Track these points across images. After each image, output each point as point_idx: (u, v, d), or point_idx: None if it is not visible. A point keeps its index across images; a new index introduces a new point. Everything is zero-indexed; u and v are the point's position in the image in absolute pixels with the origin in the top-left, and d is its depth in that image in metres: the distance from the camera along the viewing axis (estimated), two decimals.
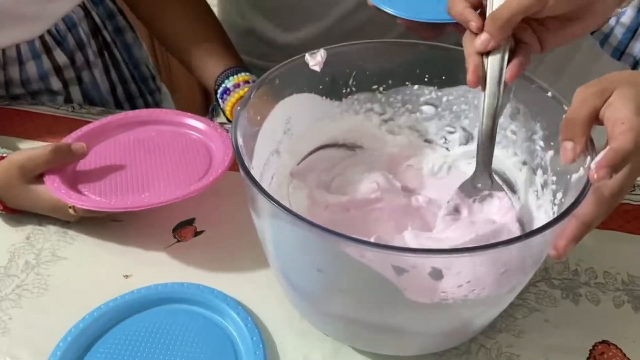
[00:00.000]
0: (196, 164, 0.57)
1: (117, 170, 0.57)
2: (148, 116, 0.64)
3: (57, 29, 0.73)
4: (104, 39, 0.79)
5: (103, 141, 0.61)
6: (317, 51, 0.53)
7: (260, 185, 0.39)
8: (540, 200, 0.49)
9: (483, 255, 0.35)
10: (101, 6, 0.80)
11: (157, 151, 0.59)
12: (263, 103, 0.51)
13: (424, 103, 0.58)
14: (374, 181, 0.56)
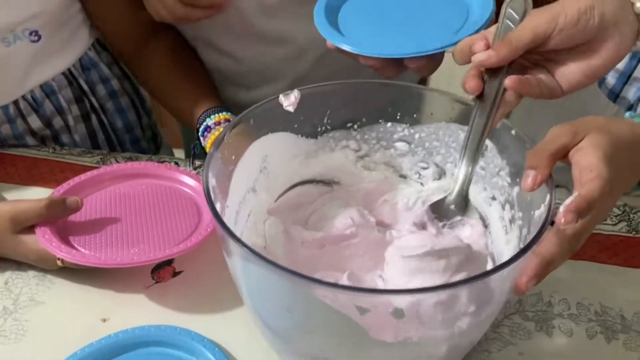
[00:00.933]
0: (185, 221, 0.58)
1: (107, 223, 0.57)
2: (140, 169, 0.64)
3: (33, 96, 0.72)
4: (91, 104, 0.78)
5: (95, 192, 0.62)
6: (291, 92, 0.55)
7: (228, 227, 0.40)
8: (509, 235, 0.50)
9: (444, 293, 0.36)
10: (94, 70, 0.78)
11: (148, 206, 0.60)
12: (238, 143, 0.52)
13: (398, 140, 0.60)
14: (349, 217, 0.57)
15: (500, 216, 0.52)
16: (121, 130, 0.83)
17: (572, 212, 0.37)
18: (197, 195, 0.62)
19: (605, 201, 0.39)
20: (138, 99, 0.86)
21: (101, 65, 0.79)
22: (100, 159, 0.72)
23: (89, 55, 0.77)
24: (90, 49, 0.77)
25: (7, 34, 0.65)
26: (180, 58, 0.76)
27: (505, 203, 0.51)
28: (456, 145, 0.56)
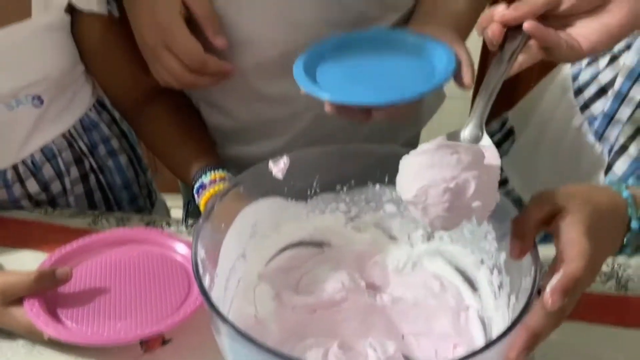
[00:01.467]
0: (175, 292, 0.58)
1: (96, 294, 0.57)
2: (132, 236, 0.64)
3: (33, 160, 0.72)
4: (90, 164, 0.78)
5: (85, 260, 0.61)
6: (280, 158, 0.56)
7: (215, 306, 0.40)
8: (498, 301, 0.50)
9: None
10: (95, 131, 0.78)
11: (138, 275, 0.60)
12: (228, 211, 0.53)
13: (387, 202, 0.60)
14: (339, 281, 0.58)
15: (489, 280, 0.53)
16: (119, 188, 0.84)
17: (558, 293, 0.38)
18: (188, 264, 0.62)
19: (588, 275, 0.40)
20: (135, 157, 0.87)
21: (102, 125, 0.80)
22: (91, 220, 0.73)
23: (89, 116, 0.77)
24: (91, 110, 0.78)
25: (10, 99, 0.65)
26: (180, 116, 0.77)
27: (494, 268, 0.52)
28: None
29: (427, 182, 0.42)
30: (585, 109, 0.71)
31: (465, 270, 0.56)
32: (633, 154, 0.63)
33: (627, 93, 0.65)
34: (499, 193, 0.49)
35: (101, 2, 0.68)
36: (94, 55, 0.72)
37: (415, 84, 0.56)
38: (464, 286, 0.56)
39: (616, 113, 0.66)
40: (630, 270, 0.63)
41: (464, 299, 0.55)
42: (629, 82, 0.64)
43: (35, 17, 0.64)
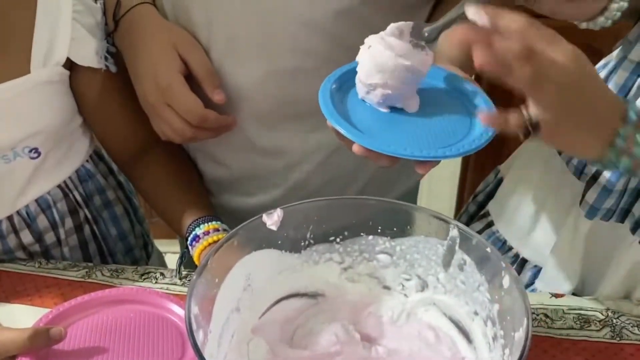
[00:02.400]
0: (169, 354, 0.57)
1: (89, 354, 0.56)
2: (130, 296, 0.63)
3: (28, 210, 0.72)
4: (85, 215, 0.78)
5: (80, 320, 0.60)
6: (274, 211, 0.57)
7: None
8: (493, 353, 0.50)
9: None
10: (91, 181, 0.78)
11: (132, 336, 0.59)
12: (221, 265, 0.53)
13: (380, 252, 0.61)
14: (333, 333, 0.57)
15: (483, 332, 0.53)
16: (114, 239, 0.83)
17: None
18: (183, 325, 0.60)
19: None
20: (131, 208, 0.87)
21: (98, 176, 0.79)
22: (85, 273, 0.72)
23: (86, 167, 0.77)
24: (88, 160, 0.78)
25: (7, 152, 0.66)
26: (174, 167, 0.78)
27: (487, 319, 0.52)
28: (436, 258, 0.57)
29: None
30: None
31: (460, 321, 0.56)
32: (602, 182, 0.64)
33: None
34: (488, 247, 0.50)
35: (99, 58, 0.69)
36: (92, 108, 0.74)
37: (457, 139, 0.51)
38: (459, 337, 0.56)
39: None
40: (624, 318, 0.63)
41: (459, 350, 0.55)
42: None
43: (34, 72, 0.66)
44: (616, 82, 0.64)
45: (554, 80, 0.43)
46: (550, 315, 0.64)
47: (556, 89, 0.43)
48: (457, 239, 0.54)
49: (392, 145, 0.49)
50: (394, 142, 0.49)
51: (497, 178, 0.82)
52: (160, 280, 0.71)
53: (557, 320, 0.63)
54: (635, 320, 0.63)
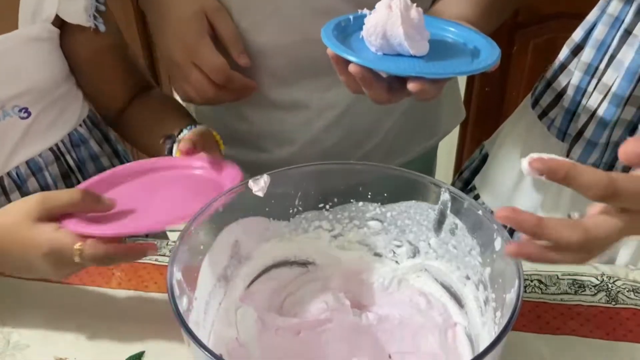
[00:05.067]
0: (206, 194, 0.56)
1: (128, 212, 0.57)
2: (152, 164, 0.65)
3: (18, 172, 0.70)
4: (78, 181, 0.76)
5: (111, 189, 0.61)
6: (260, 177, 0.55)
7: (190, 329, 0.39)
8: (484, 317, 0.49)
9: None
10: (83, 147, 0.76)
11: (165, 190, 0.61)
12: (206, 232, 0.52)
13: (370, 219, 0.59)
14: (323, 301, 0.56)
15: (475, 296, 0.52)
16: None
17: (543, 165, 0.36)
18: (214, 173, 0.62)
19: None
20: None
21: (91, 142, 0.78)
22: None
23: (79, 132, 0.75)
24: (82, 125, 0.77)
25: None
26: (155, 101, 0.79)
27: (479, 283, 0.51)
28: (427, 223, 0.56)
29: None
30: (544, 116, 0.72)
31: (451, 286, 0.55)
32: (587, 136, 0.64)
33: (586, 88, 0.66)
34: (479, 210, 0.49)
35: (88, 16, 0.69)
36: (82, 68, 0.74)
37: (458, 65, 0.53)
38: (450, 302, 0.55)
39: (577, 108, 0.68)
40: (619, 282, 0.62)
41: (451, 315, 0.54)
42: (588, 77, 0.65)
43: (22, 28, 0.64)
44: (596, 38, 0.64)
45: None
46: (545, 281, 0.63)
47: None
48: (449, 202, 0.53)
49: (386, 64, 0.51)
50: (388, 64, 0.52)
51: (482, 153, 0.81)
52: None
53: (551, 285, 0.62)
54: (631, 285, 0.62)
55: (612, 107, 0.62)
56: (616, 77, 0.62)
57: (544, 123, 0.73)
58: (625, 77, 0.60)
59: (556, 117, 0.71)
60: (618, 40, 0.61)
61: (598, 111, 0.64)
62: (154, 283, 0.65)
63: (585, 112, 0.65)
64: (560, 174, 0.36)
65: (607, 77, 0.63)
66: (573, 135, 0.66)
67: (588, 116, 0.65)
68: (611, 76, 0.63)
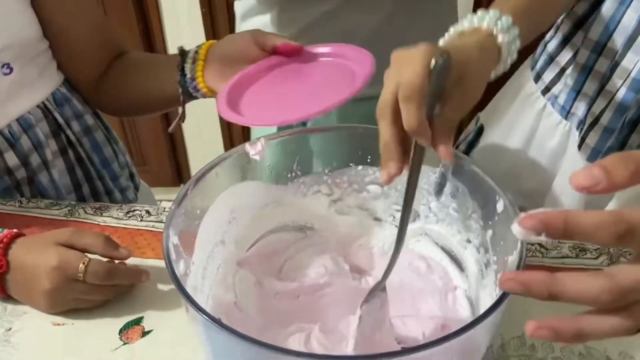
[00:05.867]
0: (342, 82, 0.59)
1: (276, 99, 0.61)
2: (279, 59, 0.66)
3: (11, 130, 0.71)
4: (67, 137, 0.77)
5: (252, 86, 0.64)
6: (257, 140, 0.54)
7: (187, 292, 0.38)
8: (485, 280, 0.49)
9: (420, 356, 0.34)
10: (67, 106, 0.77)
11: (303, 80, 0.63)
12: (203, 196, 0.51)
13: (370, 183, 0.58)
14: (322, 265, 0.56)
15: (476, 259, 0.51)
16: (99, 166, 0.83)
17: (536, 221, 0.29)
18: (345, 59, 0.63)
19: None
20: (111, 137, 0.86)
21: (74, 101, 0.78)
22: (68, 211, 0.70)
23: (61, 91, 0.76)
24: (62, 86, 0.77)
25: None
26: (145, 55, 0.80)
27: (480, 246, 0.50)
28: (427, 186, 0.55)
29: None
30: (547, 92, 0.71)
31: (452, 250, 0.54)
32: (604, 123, 0.62)
33: (593, 66, 0.64)
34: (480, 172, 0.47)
35: None
36: (58, 31, 0.73)
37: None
38: (451, 266, 0.55)
39: (582, 87, 0.65)
40: None
41: (452, 279, 0.54)
42: (595, 55, 0.63)
43: None
44: (604, 14, 0.62)
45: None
46: (545, 245, 0.62)
47: None
48: (450, 165, 0.52)
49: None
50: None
51: (478, 126, 0.80)
52: (145, 218, 0.69)
53: (552, 250, 0.62)
54: None
55: (630, 92, 0.60)
56: (637, 61, 0.59)
57: (546, 99, 0.71)
58: None
59: (560, 94, 0.69)
60: (637, 22, 0.58)
61: (616, 97, 0.61)
62: (152, 250, 0.65)
63: (602, 97, 0.63)
64: (558, 224, 0.29)
65: (627, 60, 0.60)
66: (583, 119, 0.64)
67: (605, 102, 0.63)
68: (631, 60, 0.60)
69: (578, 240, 0.30)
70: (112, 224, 0.68)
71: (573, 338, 0.31)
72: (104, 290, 0.56)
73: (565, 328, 0.30)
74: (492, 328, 0.40)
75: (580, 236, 0.29)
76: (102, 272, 0.54)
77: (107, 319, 0.56)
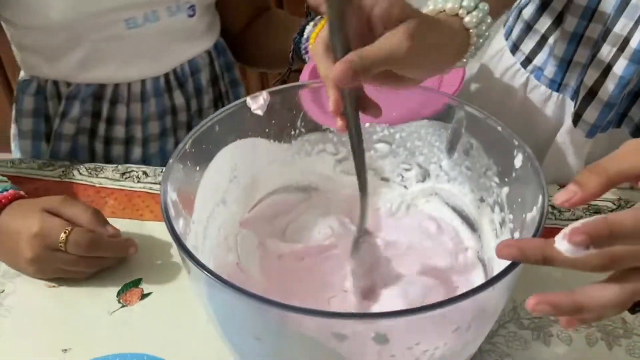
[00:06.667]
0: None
1: None
2: None
3: (183, 69, 0.76)
4: (219, 89, 0.82)
5: None
6: (259, 94, 0.51)
7: (187, 248, 0.36)
8: (499, 239, 0.47)
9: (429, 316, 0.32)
10: (222, 57, 0.81)
11: None
12: (202, 152, 0.48)
13: (378, 141, 0.56)
14: (328, 226, 0.54)
15: (490, 219, 0.49)
16: None
17: (583, 235, 0.29)
18: None
19: None
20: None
21: (228, 52, 0.83)
22: (62, 172, 0.68)
23: (220, 42, 0.81)
24: (220, 36, 0.81)
25: (171, 4, 0.70)
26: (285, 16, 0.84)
27: (495, 205, 0.48)
28: (439, 144, 0.52)
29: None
30: (529, 63, 0.66)
31: (464, 210, 0.52)
32: (604, 98, 0.58)
33: (583, 33, 0.60)
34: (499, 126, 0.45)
35: None
36: None
37: None
38: (462, 227, 0.52)
39: (574, 56, 0.61)
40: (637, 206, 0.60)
41: (462, 240, 0.52)
42: (584, 22, 0.59)
43: None
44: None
45: None
46: (558, 207, 0.60)
47: None
48: (464, 120, 0.49)
49: None
50: None
51: None
52: (142, 180, 0.67)
53: (565, 211, 0.60)
54: None
55: (631, 65, 0.55)
56: (631, 25, 0.54)
57: (528, 71, 0.66)
58: None
59: (546, 66, 0.64)
60: None
61: (615, 69, 0.57)
62: (150, 212, 0.63)
63: (595, 66, 0.58)
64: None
65: (620, 26, 0.56)
66: (578, 91, 0.60)
67: (599, 72, 0.58)
68: (625, 25, 0.55)
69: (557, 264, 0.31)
70: (108, 185, 0.66)
71: (571, 311, 0.32)
72: (89, 262, 0.53)
73: (563, 302, 0.32)
74: (507, 291, 0.38)
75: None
76: (85, 243, 0.51)
77: (104, 281, 0.54)
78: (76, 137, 0.76)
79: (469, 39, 0.44)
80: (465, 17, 0.43)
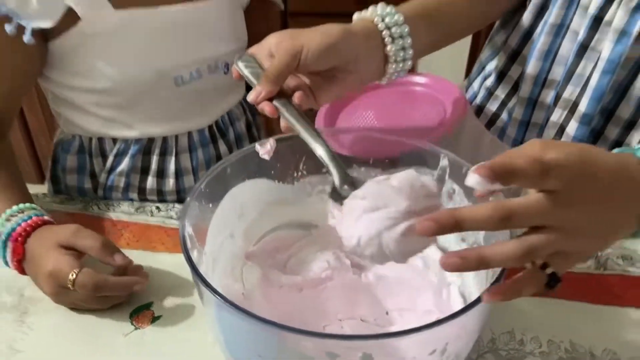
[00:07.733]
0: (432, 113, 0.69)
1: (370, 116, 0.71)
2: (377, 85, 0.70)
3: (223, 120, 0.83)
4: (253, 135, 0.91)
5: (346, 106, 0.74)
6: (267, 140, 0.57)
7: (202, 275, 0.41)
8: (478, 276, 0.52)
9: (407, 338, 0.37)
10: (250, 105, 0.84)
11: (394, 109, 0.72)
12: (215, 191, 0.54)
13: None
14: (325, 260, 0.59)
15: None
16: None
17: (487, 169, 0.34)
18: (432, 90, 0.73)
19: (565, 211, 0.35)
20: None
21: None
22: (82, 206, 0.74)
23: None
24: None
25: (211, 62, 0.77)
26: None
27: (474, 244, 0.53)
28: None
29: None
30: (492, 125, 0.75)
31: (447, 248, 0.58)
32: (582, 110, 0.63)
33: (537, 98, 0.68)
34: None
35: None
36: None
37: None
38: None
39: (531, 118, 0.69)
40: (609, 250, 0.65)
41: (446, 276, 0.57)
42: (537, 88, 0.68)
43: None
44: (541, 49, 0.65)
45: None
46: None
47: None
48: (447, 168, 0.55)
49: None
50: None
51: None
52: (156, 214, 0.72)
53: None
54: (620, 251, 0.65)
55: (582, 126, 0.62)
56: (578, 91, 0.62)
57: (492, 132, 0.74)
58: (592, 95, 0.60)
59: (507, 127, 0.72)
60: (575, 54, 0.62)
61: (567, 129, 0.64)
62: (162, 244, 0.68)
63: (550, 127, 0.67)
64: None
65: (568, 92, 0.63)
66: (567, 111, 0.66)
67: (554, 132, 0.66)
68: (572, 91, 0.63)
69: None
70: (124, 218, 0.71)
71: (477, 263, 0.36)
72: (99, 299, 0.57)
73: (470, 256, 0.36)
74: (480, 317, 0.44)
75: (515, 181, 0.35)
76: (90, 285, 0.54)
77: (119, 305, 0.59)
78: (126, 190, 0.80)
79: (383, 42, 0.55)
80: (379, 23, 0.55)
